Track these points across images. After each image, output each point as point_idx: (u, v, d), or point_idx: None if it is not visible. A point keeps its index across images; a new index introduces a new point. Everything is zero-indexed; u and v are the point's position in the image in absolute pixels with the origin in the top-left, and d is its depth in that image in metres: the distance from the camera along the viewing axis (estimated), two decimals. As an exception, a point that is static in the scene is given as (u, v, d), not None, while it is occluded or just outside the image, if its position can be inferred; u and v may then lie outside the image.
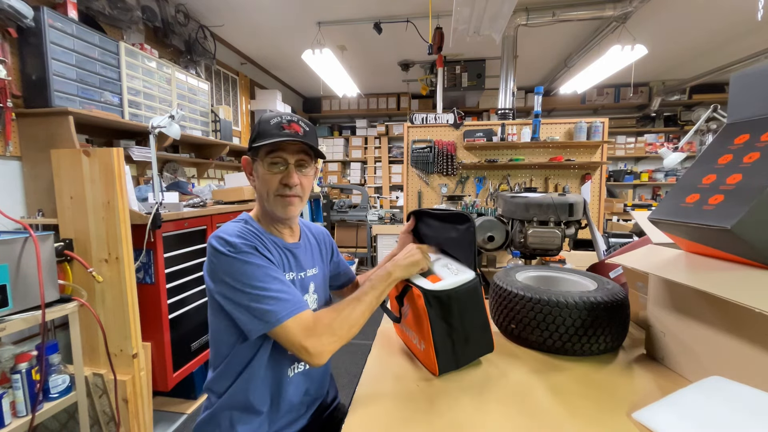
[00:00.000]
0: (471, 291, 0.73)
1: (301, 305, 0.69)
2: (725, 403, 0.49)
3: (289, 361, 0.79)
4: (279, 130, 0.75)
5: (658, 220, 0.67)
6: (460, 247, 0.82)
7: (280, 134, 0.75)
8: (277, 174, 0.77)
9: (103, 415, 1.55)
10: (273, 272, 0.70)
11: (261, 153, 0.77)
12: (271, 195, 0.78)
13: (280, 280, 0.70)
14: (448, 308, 0.72)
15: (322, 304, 0.89)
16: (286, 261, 0.80)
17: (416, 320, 0.77)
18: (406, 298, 0.80)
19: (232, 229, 0.74)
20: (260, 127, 0.77)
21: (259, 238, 0.75)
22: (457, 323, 0.72)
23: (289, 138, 0.75)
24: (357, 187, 4.87)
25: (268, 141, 0.74)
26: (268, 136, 0.75)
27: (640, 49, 2.93)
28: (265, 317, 0.66)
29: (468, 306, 0.73)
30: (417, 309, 0.75)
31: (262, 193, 0.79)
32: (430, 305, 0.71)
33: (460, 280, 0.73)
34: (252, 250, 0.70)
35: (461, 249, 0.82)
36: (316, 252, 0.92)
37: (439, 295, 0.71)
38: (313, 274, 0.87)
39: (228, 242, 0.70)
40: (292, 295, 0.70)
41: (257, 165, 0.79)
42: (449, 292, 0.72)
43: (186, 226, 1.90)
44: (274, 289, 0.68)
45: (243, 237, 0.72)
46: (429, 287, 0.72)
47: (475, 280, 0.74)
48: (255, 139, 0.77)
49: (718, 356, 0.62)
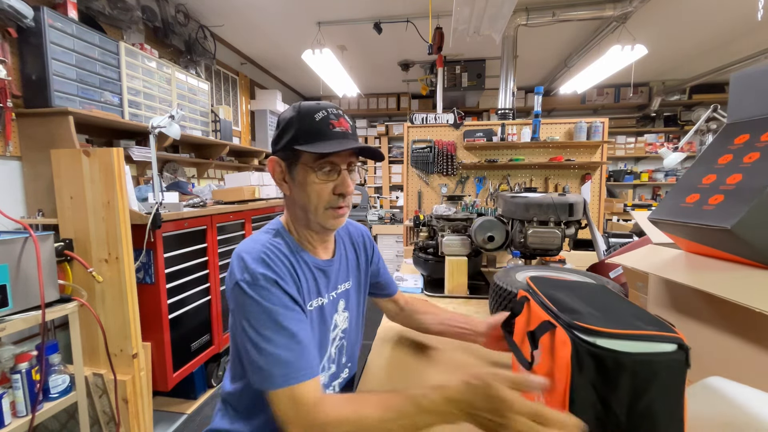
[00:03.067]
0: (665, 369, 0.42)
1: (303, 373, 0.55)
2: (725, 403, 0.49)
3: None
4: (329, 128, 0.63)
5: (658, 220, 0.67)
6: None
7: (332, 133, 0.63)
8: (330, 182, 0.65)
9: (103, 415, 1.55)
10: (285, 318, 0.57)
11: (306, 156, 0.63)
12: (322, 207, 0.65)
13: (290, 331, 0.57)
14: (614, 381, 0.43)
15: (354, 320, 0.79)
16: (314, 284, 0.69)
17: (548, 376, 0.50)
18: (543, 339, 0.53)
19: (259, 248, 0.62)
20: (301, 124, 0.63)
21: (288, 261, 0.64)
22: (621, 410, 0.43)
23: (354, 145, 0.63)
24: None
25: (324, 145, 0.61)
26: (318, 135, 0.62)
27: (640, 49, 2.93)
28: (257, 373, 0.55)
29: (653, 391, 0.42)
30: (554, 360, 0.49)
31: (308, 205, 0.65)
32: (579, 365, 0.44)
33: (651, 347, 0.43)
34: (271, 285, 0.58)
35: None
36: (352, 261, 0.81)
37: (601, 354, 0.43)
38: (344, 290, 0.77)
39: (247, 268, 0.59)
40: (298, 355, 0.56)
41: (299, 169, 0.65)
42: (622, 357, 0.42)
43: (186, 226, 1.90)
44: (278, 343, 0.55)
45: (267, 263, 0.60)
46: (588, 336, 0.45)
47: (677, 354, 0.42)
48: (298, 137, 0.62)
49: (718, 356, 0.62)
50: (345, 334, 0.77)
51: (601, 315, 0.49)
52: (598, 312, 0.50)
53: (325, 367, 0.72)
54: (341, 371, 0.78)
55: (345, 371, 0.79)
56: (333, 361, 0.74)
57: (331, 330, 0.73)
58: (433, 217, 1.45)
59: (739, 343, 0.58)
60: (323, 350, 0.71)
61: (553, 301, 0.55)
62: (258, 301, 0.57)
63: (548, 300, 0.56)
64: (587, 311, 0.50)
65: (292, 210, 0.70)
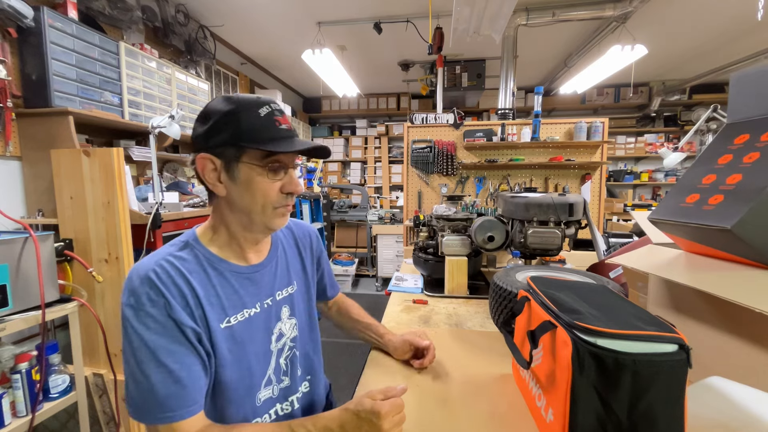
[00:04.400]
0: (666, 369, 0.42)
1: (180, 412, 0.52)
2: (725, 403, 0.49)
3: (261, 410, 0.65)
4: (275, 125, 0.59)
5: (658, 220, 0.67)
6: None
7: (280, 131, 0.59)
8: (278, 181, 0.61)
9: (103, 415, 1.55)
10: (166, 354, 0.53)
11: (251, 154, 0.59)
12: (270, 207, 0.62)
13: (168, 369, 0.53)
14: (615, 381, 0.44)
15: (306, 327, 0.75)
16: (235, 296, 0.63)
17: (549, 377, 0.52)
18: (544, 339, 0.54)
19: (151, 265, 0.56)
20: (243, 118, 0.57)
21: (188, 280, 0.58)
22: (622, 410, 0.44)
23: (310, 145, 0.61)
24: (357, 187, 4.88)
25: (276, 144, 0.58)
26: (265, 131, 0.58)
27: (640, 49, 2.93)
28: (133, 406, 0.53)
29: (654, 391, 0.43)
30: (555, 361, 0.50)
31: (253, 205, 0.61)
32: (580, 365, 0.45)
33: (652, 347, 0.43)
34: (158, 311, 0.54)
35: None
36: (295, 264, 0.76)
37: (602, 354, 0.44)
38: (288, 294, 0.72)
39: (133, 290, 0.54)
40: (176, 392, 0.52)
41: (241, 168, 0.59)
42: (623, 357, 0.43)
43: (186, 226, 1.90)
44: (156, 380, 0.52)
45: (156, 285, 0.54)
46: (589, 337, 0.45)
47: (678, 355, 0.43)
48: (241, 134, 0.57)
49: (718, 356, 0.62)
50: (295, 342, 0.72)
51: (601, 315, 0.49)
52: (599, 312, 0.50)
53: (272, 380, 0.67)
54: (298, 385, 0.72)
55: (304, 385, 0.74)
56: (284, 373, 0.69)
57: (274, 341, 0.68)
58: (433, 217, 1.45)
59: (739, 343, 0.58)
60: (264, 363, 0.66)
61: (553, 301, 0.55)
62: (139, 333, 0.53)
63: (549, 300, 0.56)
64: (588, 311, 0.50)
65: (225, 212, 0.64)
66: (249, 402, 0.63)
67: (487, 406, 0.65)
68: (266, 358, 0.66)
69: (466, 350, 0.87)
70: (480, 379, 0.74)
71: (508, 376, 0.74)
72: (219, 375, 0.59)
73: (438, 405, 0.66)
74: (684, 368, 0.43)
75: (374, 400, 0.52)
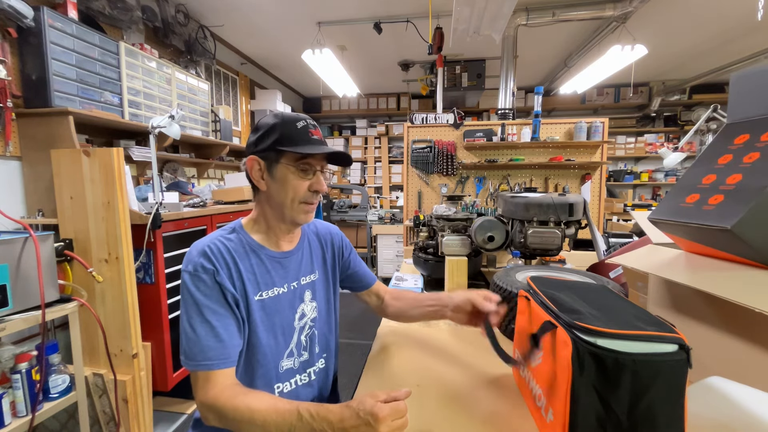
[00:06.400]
0: (666, 369, 0.43)
1: (218, 362, 0.64)
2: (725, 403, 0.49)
3: (283, 377, 0.76)
4: (308, 135, 0.73)
5: (658, 220, 0.67)
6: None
7: (312, 140, 0.73)
8: (307, 180, 0.74)
9: (103, 415, 1.55)
10: (210, 313, 0.65)
11: (288, 156, 0.72)
12: (296, 202, 0.74)
13: (210, 324, 0.65)
14: (615, 381, 0.44)
15: (324, 311, 0.85)
16: (268, 275, 0.75)
17: (549, 377, 0.52)
18: (544, 339, 0.54)
19: (208, 242, 0.71)
20: (284, 129, 0.72)
21: (230, 256, 0.71)
22: (622, 410, 0.44)
23: (331, 149, 0.74)
24: (357, 187, 4.88)
25: (306, 148, 0.71)
26: (299, 139, 0.72)
27: (640, 49, 2.93)
28: (183, 353, 0.65)
29: (654, 391, 0.43)
30: (556, 360, 0.50)
31: (284, 200, 0.73)
32: (580, 365, 0.45)
33: (652, 347, 0.43)
34: (208, 277, 0.67)
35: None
36: (318, 256, 0.87)
37: (602, 354, 0.44)
38: (310, 281, 0.83)
39: (191, 259, 0.68)
40: (215, 345, 0.64)
41: (279, 168, 0.73)
42: (623, 357, 0.43)
43: (186, 226, 1.90)
44: (199, 332, 0.64)
45: (209, 257, 0.68)
46: (589, 337, 0.45)
47: (678, 355, 0.43)
48: (282, 140, 0.71)
49: (718, 356, 0.62)
50: (315, 323, 0.82)
51: (601, 315, 0.49)
52: (599, 312, 0.50)
53: (294, 353, 0.78)
54: (315, 360, 0.82)
55: (320, 361, 0.83)
56: (305, 348, 0.80)
57: (297, 318, 0.79)
58: (433, 217, 1.45)
59: (739, 343, 0.58)
60: (287, 337, 0.77)
61: (553, 301, 0.55)
62: (192, 293, 0.66)
63: (549, 300, 0.56)
64: (588, 311, 0.50)
65: (265, 205, 0.77)
66: (273, 367, 0.74)
67: (487, 406, 0.65)
68: (290, 332, 0.77)
69: (466, 350, 0.87)
70: (480, 379, 0.74)
71: (508, 376, 0.74)
72: (251, 338, 0.71)
73: (438, 405, 0.66)
74: (684, 368, 0.43)
75: (375, 401, 0.52)
